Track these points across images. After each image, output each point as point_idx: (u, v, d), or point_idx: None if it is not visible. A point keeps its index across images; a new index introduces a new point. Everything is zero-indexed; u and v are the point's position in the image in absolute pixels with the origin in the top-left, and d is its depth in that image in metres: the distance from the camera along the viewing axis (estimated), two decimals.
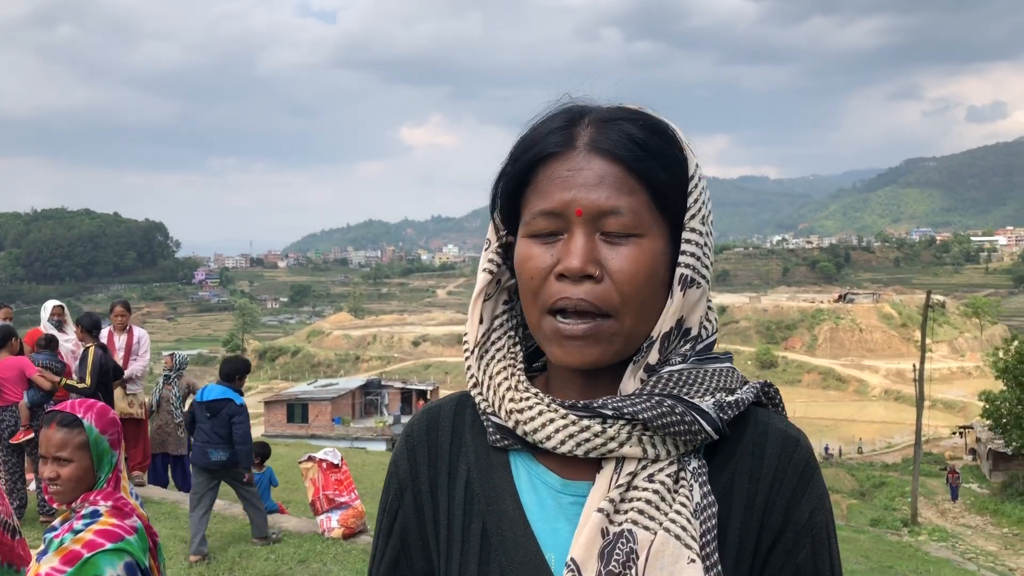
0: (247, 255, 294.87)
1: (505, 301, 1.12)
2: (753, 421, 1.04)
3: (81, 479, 2.55)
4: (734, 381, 1.04)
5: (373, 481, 15.97)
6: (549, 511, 1.03)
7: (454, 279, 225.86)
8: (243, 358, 8.23)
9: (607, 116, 1.01)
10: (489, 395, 1.07)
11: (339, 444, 34.17)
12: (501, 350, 1.10)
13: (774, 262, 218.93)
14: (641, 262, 0.97)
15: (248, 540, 7.78)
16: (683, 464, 0.99)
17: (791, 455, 1.02)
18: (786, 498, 1.00)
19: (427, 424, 1.15)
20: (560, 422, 0.99)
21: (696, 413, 0.97)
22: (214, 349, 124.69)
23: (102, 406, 2.67)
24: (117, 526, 2.49)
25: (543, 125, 1.03)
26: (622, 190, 0.97)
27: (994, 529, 28.85)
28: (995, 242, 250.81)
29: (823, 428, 63.80)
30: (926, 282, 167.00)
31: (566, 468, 1.04)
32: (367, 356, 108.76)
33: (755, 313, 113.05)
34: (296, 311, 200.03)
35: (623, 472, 0.98)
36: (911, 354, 77.54)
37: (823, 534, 1.02)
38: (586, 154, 0.98)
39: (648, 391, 0.99)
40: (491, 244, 1.10)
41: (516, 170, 1.02)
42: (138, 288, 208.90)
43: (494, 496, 1.05)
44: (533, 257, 0.99)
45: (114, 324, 9.33)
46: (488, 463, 1.08)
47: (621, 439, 0.98)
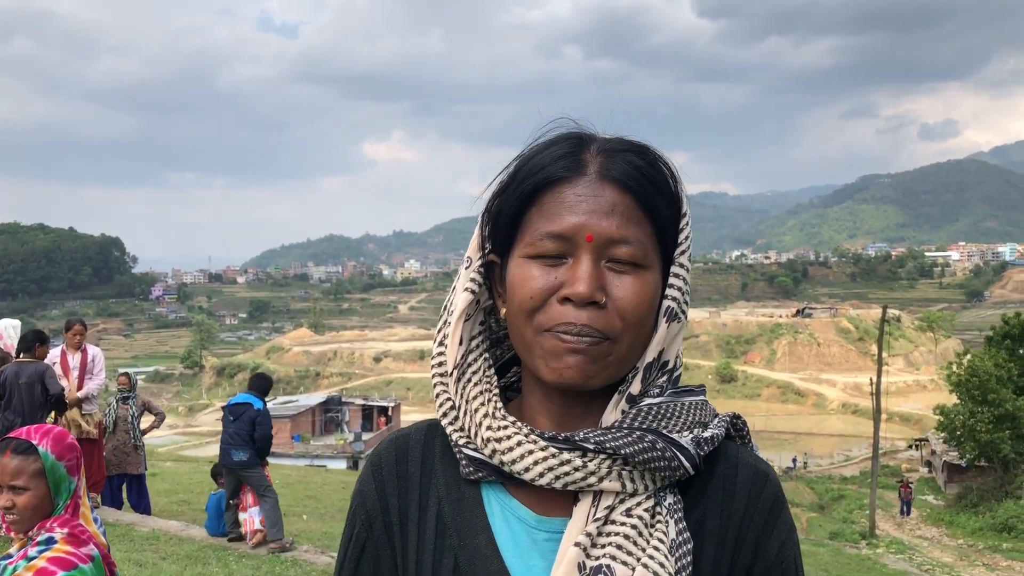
0: (205, 271, 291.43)
1: (481, 322, 1.11)
2: (723, 455, 1.04)
3: (38, 507, 2.49)
4: (707, 415, 1.05)
5: (333, 500, 15.81)
6: (523, 547, 1.02)
7: (416, 294, 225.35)
8: (269, 376, 9.43)
9: (615, 147, 1.02)
10: (465, 420, 1.05)
11: (298, 462, 33.82)
12: (477, 373, 1.08)
13: (733, 277, 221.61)
14: (644, 292, 0.98)
15: (205, 562, 7.68)
16: (659, 499, 0.99)
17: (760, 490, 1.03)
18: (756, 533, 1.01)
19: (396, 454, 1.12)
20: (540, 454, 0.98)
21: (676, 449, 0.98)
22: (171, 366, 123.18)
23: (59, 431, 2.61)
24: (72, 554, 2.44)
25: (549, 150, 1.02)
26: (631, 220, 0.98)
27: (949, 540, 29.25)
28: (948, 257, 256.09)
29: (782, 442, 64.37)
30: (882, 297, 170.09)
31: (540, 502, 1.03)
32: (327, 372, 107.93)
33: (715, 327, 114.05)
34: (255, 327, 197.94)
35: (600, 506, 0.98)
36: (868, 368, 78.72)
37: (792, 568, 1.03)
38: (597, 181, 0.99)
39: (628, 424, 0.99)
40: (472, 263, 1.08)
41: (521, 191, 1.01)
42: (94, 304, 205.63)
43: (467, 531, 1.03)
44: (533, 278, 0.98)
45: (68, 342, 9.16)
46: (459, 496, 1.06)
47: (601, 473, 0.97)
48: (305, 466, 30.76)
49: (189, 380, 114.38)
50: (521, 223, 1.02)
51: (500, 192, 1.05)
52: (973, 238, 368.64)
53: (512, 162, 1.06)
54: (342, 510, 13.64)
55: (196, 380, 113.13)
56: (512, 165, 1.05)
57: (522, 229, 1.02)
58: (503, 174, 1.06)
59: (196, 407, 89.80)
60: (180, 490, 14.19)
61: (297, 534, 10.27)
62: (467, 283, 1.08)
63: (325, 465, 34.65)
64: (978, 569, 23.18)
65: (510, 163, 1.06)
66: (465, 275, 1.08)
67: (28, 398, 7.96)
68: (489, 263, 1.08)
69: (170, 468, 19.62)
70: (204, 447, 49.60)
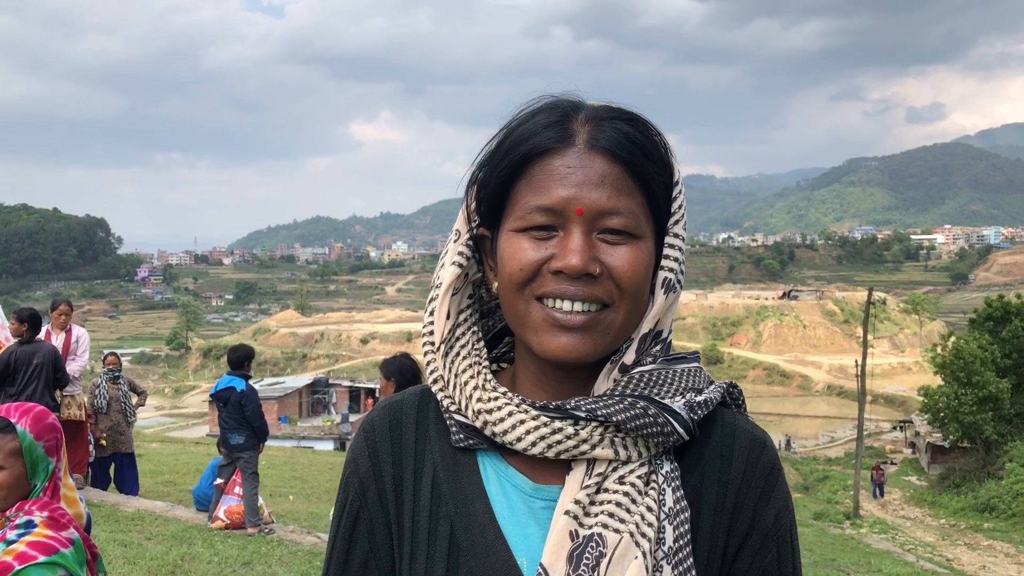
0: (191, 252, 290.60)
1: (469, 295, 1.09)
2: (720, 422, 1.04)
3: (13, 487, 2.45)
4: (701, 381, 1.04)
5: (320, 481, 15.81)
6: (520, 515, 1.01)
7: (403, 276, 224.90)
8: (247, 345, 9.08)
9: (603, 114, 1.00)
10: (455, 393, 1.04)
11: (286, 444, 33.78)
12: (466, 346, 1.06)
13: (720, 260, 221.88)
14: (640, 261, 0.97)
15: (190, 543, 7.66)
16: (655, 467, 0.98)
17: (758, 457, 1.02)
18: (753, 501, 1.01)
19: (390, 420, 1.09)
20: (531, 423, 0.98)
21: (668, 414, 0.97)
22: (157, 347, 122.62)
23: (40, 410, 2.57)
24: (52, 538, 2.40)
25: (535, 119, 1.00)
26: (622, 191, 0.96)
27: (932, 520, 29.55)
28: (934, 240, 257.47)
29: (768, 423, 64.64)
30: (868, 279, 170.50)
31: (535, 470, 1.02)
32: (314, 354, 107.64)
33: (701, 310, 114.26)
34: (242, 308, 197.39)
35: (593, 473, 0.97)
36: (853, 350, 79.13)
37: (787, 536, 1.03)
38: (586, 151, 0.97)
39: (620, 392, 0.98)
40: (461, 235, 1.06)
41: (508, 163, 0.99)
42: (79, 285, 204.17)
43: (463, 498, 1.02)
44: (524, 251, 0.97)
45: (54, 323, 9.10)
46: (455, 463, 1.04)
47: (593, 441, 0.97)
48: (292, 447, 30.76)
49: (175, 362, 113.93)
50: (509, 195, 1.00)
51: (486, 163, 1.03)
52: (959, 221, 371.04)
53: (499, 132, 1.03)
54: (328, 491, 13.63)
55: (182, 362, 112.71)
56: (499, 135, 1.03)
57: (511, 201, 1.00)
58: (490, 144, 1.04)
59: (182, 389, 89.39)
60: (166, 471, 14.17)
61: (284, 514, 10.27)
62: (455, 256, 1.06)
63: (312, 446, 34.68)
64: (960, 548, 23.42)
65: (497, 132, 1.03)
66: (453, 248, 1.07)
67: (42, 378, 7.94)
68: (479, 236, 1.07)
69: (156, 449, 19.58)
70: (190, 428, 49.51)
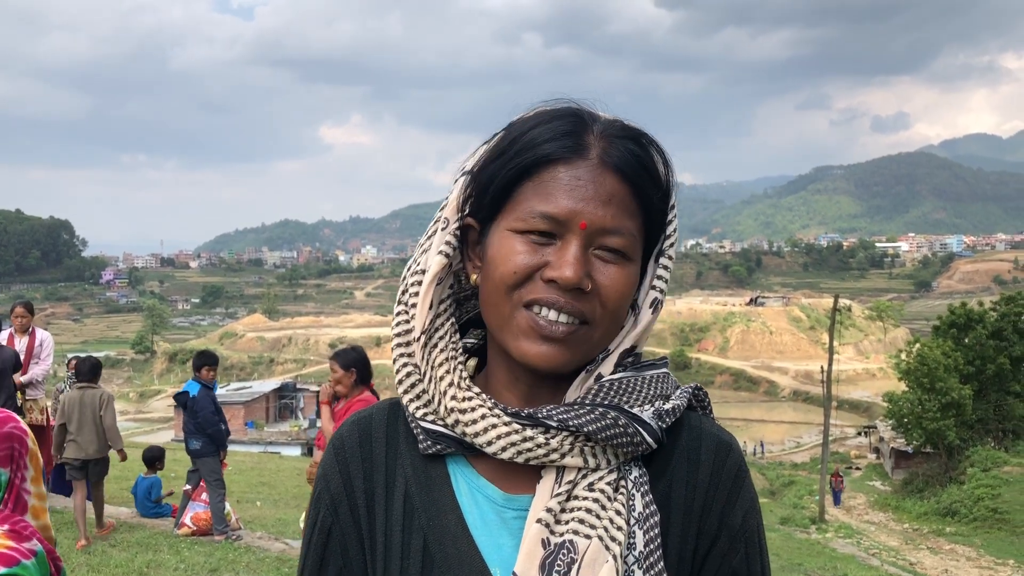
0: (157, 255, 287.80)
1: (450, 286, 1.08)
2: (687, 426, 1.05)
3: None
4: (669, 387, 1.05)
5: (287, 487, 15.69)
6: (492, 526, 1.01)
7: (372, 280, 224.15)
8: (208, 350, 8.99)
9: (617, 132, 1.00)
10: (430, 387, 1.04)
11: (252, 449, 33.52)
12: (444, 338, 1.05)
13: (688, 266, 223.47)
14: (627, 284, 0.99)
15: (156, 549, 7.57)
16: (624, 473, 0.99)
17: (724, 460, 1.03)
18: (721, 503, 1.02)
19: (359, 435, 1.09)
20: (503, 428, 0.98)
21: (638, 424, 0.98)
22: (122, 351, 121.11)
23: None
24: (13, 549, 2.34)
25: (551, 124, 0.99)
26: (626, 212, 0.98)
27: (896, 525, 29.87)
28: (898, 248, 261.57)
29: (734, 428, 65.08)
30: (833, 286, 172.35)
31: (506, 478, 1.03)
32: (282, 359, 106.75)
33: (669, 315, 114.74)
34: (208, 312, 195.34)
35: (563, 481, 0.98)
36: (819, 356, 79.88)
37: (755, 537, 1.04)
38: (598, 167, 0.97)
39: (591, 401, 0.99)
40: (449, 224, 1.05)
41: (519, 163, 0.98)
42: (42, 288, 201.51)
43: (435, 510, 1.02)
44: (519, 253, 0.97)
45: (14, 326, 8.95)
46: (427, 475, 1.04)
47: (563, 450, 0.97)
48: (259, 453, 30.48)
49: (140, 366, 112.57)
50: (512, 194, 0.99)
51: (494, 158, 1.01)
52: (922, 229, 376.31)
53: (513, 131, 1.02)
54: (296, 496, 13.53)
55: (147, 366, 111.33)
56: (512, 133, 1.01)
57: (512, 200, 0.99)
58: (497, 138, 1.03)
59: (147, 393, 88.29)
60: (130, 476, 13.93)
61: (251, 520, 10.17)
62: (442, 246, 1.04)
63: (279, 452, 34.35)
64: (922, 552, 23.72)
65: (508, 129, 1.03)
66: (440, 237, 1.05)
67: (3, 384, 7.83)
68: (465, 227, 1.05)
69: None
70: (155, 433, 48.93)
